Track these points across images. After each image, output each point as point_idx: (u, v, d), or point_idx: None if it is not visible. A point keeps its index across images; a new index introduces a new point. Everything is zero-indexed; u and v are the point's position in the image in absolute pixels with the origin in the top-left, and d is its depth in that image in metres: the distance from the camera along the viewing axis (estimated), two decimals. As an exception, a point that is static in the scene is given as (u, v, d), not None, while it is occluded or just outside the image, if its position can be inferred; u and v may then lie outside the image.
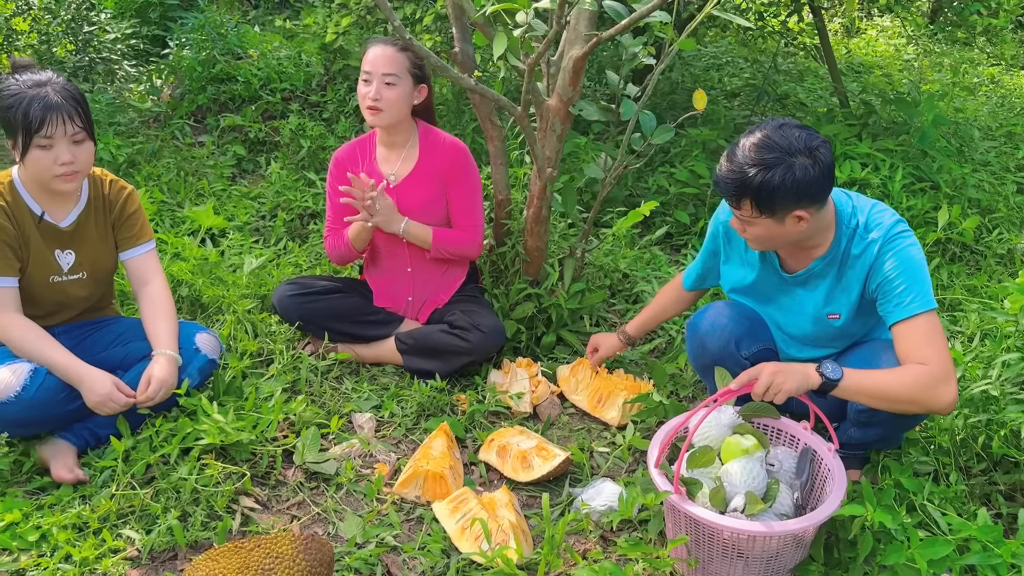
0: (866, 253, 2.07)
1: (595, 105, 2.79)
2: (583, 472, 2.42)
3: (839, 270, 2.13)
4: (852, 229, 2.09)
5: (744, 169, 1.95)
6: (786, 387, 1.97)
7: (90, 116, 2.27)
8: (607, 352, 2.77)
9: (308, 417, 2.51)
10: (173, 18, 6.39)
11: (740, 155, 1.97)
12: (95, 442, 2.36)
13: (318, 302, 2.82)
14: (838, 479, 2.00)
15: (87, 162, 2.27)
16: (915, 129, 4.19)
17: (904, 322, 2.00)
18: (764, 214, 1.99)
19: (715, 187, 2.06)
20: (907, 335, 2.00)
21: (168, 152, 4.28)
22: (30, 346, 2.24)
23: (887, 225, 2.05)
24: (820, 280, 2.17)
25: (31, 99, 2.17)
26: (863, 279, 2.09)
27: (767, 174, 1.93)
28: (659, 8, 2.27)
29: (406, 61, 2.68)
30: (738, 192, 1.98)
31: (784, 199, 1.95)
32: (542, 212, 2.90)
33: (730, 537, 1.92)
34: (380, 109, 2.67)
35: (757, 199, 1.96)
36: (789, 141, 1.95)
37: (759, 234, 2.05)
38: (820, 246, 2.12)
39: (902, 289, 2.00)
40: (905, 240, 2.04)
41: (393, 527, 2.18)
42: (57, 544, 2.03)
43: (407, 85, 2.70)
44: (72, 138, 2.21)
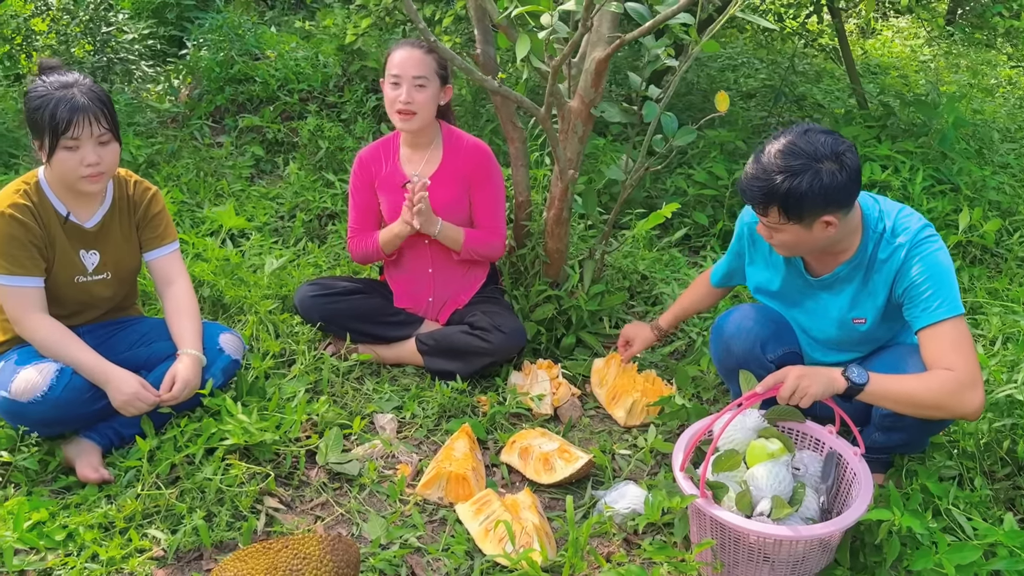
0: (893, 258, 2.06)
1: (617, 107, 2.79)
2: (605, 475, 2.41)
3: (865, 274, 2.12)
4: (879, 233, 2.08)
5: (771, 176, 1.94)
6: (812, 391, 1.96)
7: (116, 117, 2.28)
8: (642, 345, 2.77)
9: (330, 418, 2.52)
10: (190, 18, 6.41)
11: (766, 162, 1.97)
12: (119, 442, 2.38)
13: (339, 303, 2.83)
14: (864, 483, 1.99)
15: (112, 163, 2.28)
16: (935, 131, 4.17)
17: (931, 327, 1.99)
18: (792, 220, 1.98)
19: (741, 194, 2.05)
20: (934, 341, 1.99)
21: (187, 152, 4.30)
22: (56, 346, 2.26)
23: (914, 230, 2.04)
24: (846, 284, 2.17)
25: (58, 101, 2.18)
26: (890, 284, 2.08)
27: (794, 181, 1.92)
28: (683, 10, 2.26)
29: (433, 63, 2.68)
30: (765, 199, 1.97)
31: (812, 205, 1.94)
32: (563, 214, 2.89)
33: (756, 541, 1.91)
34: (413, 112, 2.68)
35: (785, 206, 1.95)
36: (815, 147, 1.94)
37: (787, 240, 2.05)
38: (847, 250, 2.11)
39: (929, 294, 1.99)
40: (932, 245, 2.03)
41: (416, 528, 2.18)
42: (84, 543, 2.04)
43: (435, 87, 2.71)
44: (98, 139, 2.23)
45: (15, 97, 4.83)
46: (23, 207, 2.26)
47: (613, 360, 2.80)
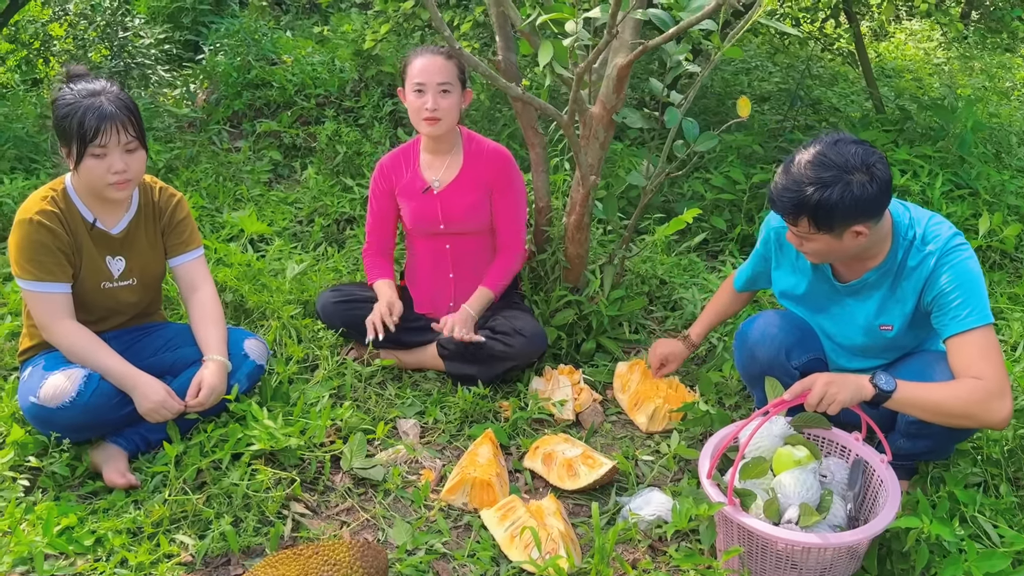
0: (923, 265, 2.05)
1: (638, 113, 2.79)
2: (629, 481, 2.42)
3: (894, 281, 2.12)
4: (909, 241, 2.07)
5: (801, 187, 1.94)
6: (840, 398, 1.96)
7: (142, 125, 2.29)
8: (677, 363, 2.77)
9: (354, 423, 2.52)
10: (205, 23, 6.45)
11: (796, 172, 1.97)
12: (145, 447, 2.39)
13: (361, 309, 2.83)
14: (891, 491, 1.99)
15: (139, 170, 2.30)
16: (953, 135, 4.16)
17: (959, 336, 1.99)
18: (822, 231, 1.98)
19: (770, 204, 2.05)
20: (962, 349, 1.99)
21: (206, 157, 4.32)
22: (84, 352, 2.27)
23: (945, 238, 2.04)
24: (873, 291, 2.16)
25: (86, 109, 2.20)
26: (919, 291, 2.08)
27: (824, 192, 1.92)
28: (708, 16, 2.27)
29: (455, 68, 2.70)
30: (795, 210, 1.97)
31: (842, 216, 1.94)
32: (584, 219, 2.90)
33: (784, 548, 1.91)
34: (439, 119, 2.69)
35: (815, 217, 1.95)
36: (845, 158, 1.94)
37: (817, 249, 2.05)
38: (876, 257, 2.11)
39: (958, 303, 1.99)
40: (962, 253, 2.03)
41: (442, 534, 2.19)
42: (113, 549, 2.05)
43: (459, 92, 2.72)
44: (125, 147, 2.24)
45: (34, 102, 4.86)
46: (51, 214, 2.27)
47: (637, 366, 2.81)
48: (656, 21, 2.56)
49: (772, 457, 2.10)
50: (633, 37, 2.66)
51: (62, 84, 2.29)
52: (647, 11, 2.29)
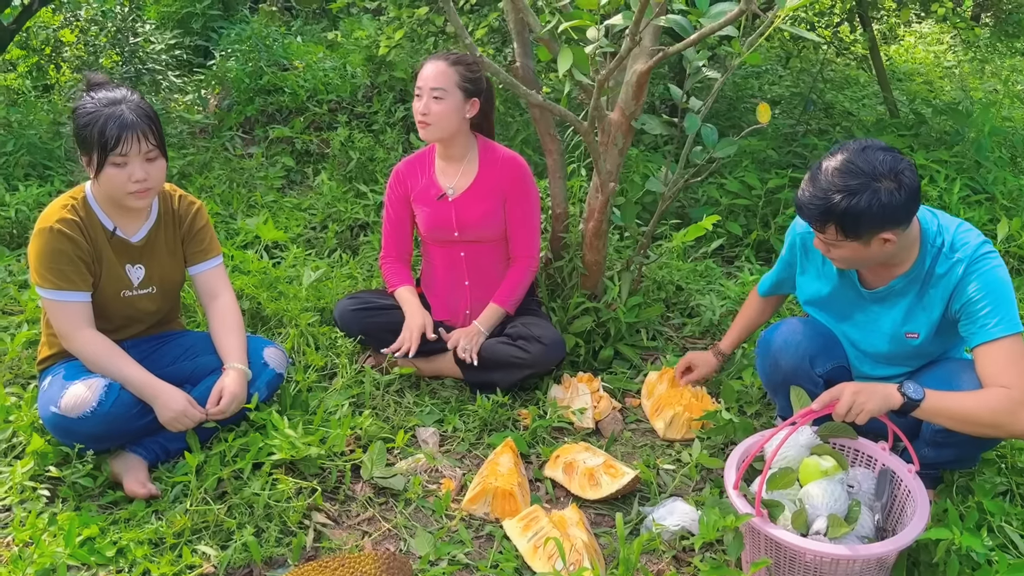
0: (951, 273, 2.04)
1: (657, 119, 2.78)
2: (651, 490, 2.40)
3: (921, 289, 2.10)
4: (937, 248, 2.06)
5: (829, 195, 1.93)
6: (868, 407, 1.94)
7: (162, 133, 2.29)
8: (706, 372, 2.74)
9: (374, 432, 2.51)
10: (215, 28, 6.45)
11: (824, 180, 1.95)
12: (165, 456, 2.38)
13: (379, 316, 2.83)
14: (920, 501, 1.97)
15: (159, 179, 2.29)
16: (968, 139, 4.14)
17: (987, 344, 1.97)
18: (850, 238, 1.97)
19: (797, 211, 2.03)
20: (990, 358, 1.97)
21: (219, 164, 4.32)
22: (104, 361, 2.26)
23: (974, 245, 2.03)
24: (900, 298, 2.15)
25: (107, 118, 2.19)
26: (946, 299, 2.06)
27: (852, 200, 1.91)
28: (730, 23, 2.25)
29: (456, 75, 2.68)
30: (823, 217, 1.96)
31: (870, 224, 1.93)
32: (602, 226, 2.89)
33: (812, 560, 1.89)
34: (429, 123, 2.69)
35: (842, 224, 1.94)
36: (873, 165, 1.93)
37: (845, 256, 2.03)
38: (903, 264, 2.09)
39: (987, 311, 1.97)
40: (991, 261, 2.01)
41: (464, 544, 2.18)
42: (135, 560, 2.04)
43: (455, 99, 2.70)
44: (146, 156, 2.23)
45: (46, 109, 4.86)
46: (71, 222, 2.27)
47: (666, 374, 2.79)
48: (676, 28, 2.54)
49: (798, 467, 2.08)
50: (652, 43, 2.65)
51: (83, 92, 2.28)
52: (669, 17, 2.27)
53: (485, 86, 2.79)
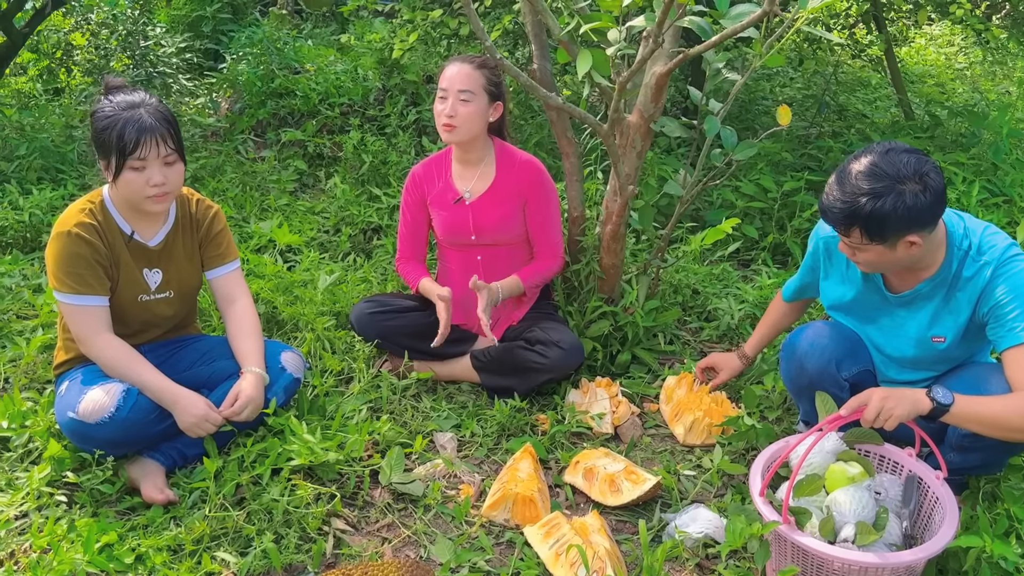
0: (978, 276, 2.01)
1: (676, 121, 2.76)
2: (672, 496, 2.38)
3: (947, 292, 2.08)
4: (964, 251, 2.03)
5: (854, 198, 1.91)
6: (897, 412, 1.92)
7: (180, 137, 2.27)
8: (729, 375, 2.74)
9: (391, 437, 2.49)
10: (225, 32, 6.45)
11: (848, 183, 1.93)
12: (183, 462, 2.37)
13: (396, 319, 2.81)
14: (948, 508, 1.94)
15: (178, 183, 2.28)
16: (985, 141, 4.11)
17: (1016, 348, 1.95)
18: (875, 241, 1.94)
19: (822, 215, 2.01)
20: (1019, 361, 1.95)
21: (231, 167, 4.31)
22: (123, 366, 2.25)
23: (1001, 248, 2.00)
24: (926, 302, 2.12)
25: (125, 121, 2.17)
26: (974, 302, 2.04)
27: (877, 203, 1.89)
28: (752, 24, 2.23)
29: (482, 79, 2.67)
30: (848, 221, 1.94)
31: (895, 227, 1.90)
32: (620, 229, 2.87)
33: (840, 568, 1.87)
34: (455, 126, 2.68)
35: (867, 227, 1.92)
36: (898, 167, 1.90)
37: (870, 259, 2.01)
38: (929, 268, 2.07)
39: (1016, 314, 1.95)
40: (1020, 264, 1.98)
41: (485, 551, 2.15)
42: (154, 567, 2.02)
43: (482, 102, 2.70)
44: (164, 160, 2.22)
45: (58, 113, 4.86)
46: (89, 226, 2.25)
47: (684, 379, 2.77)
48: (696, 29, 2.52)
49: (824, 474, 2.05)
50: (672, 45, 2.63)
51: (100, 96, 2.27)
52: (691, 19, 2.25)
53: (504, 89, 2.78)
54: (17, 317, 3.05)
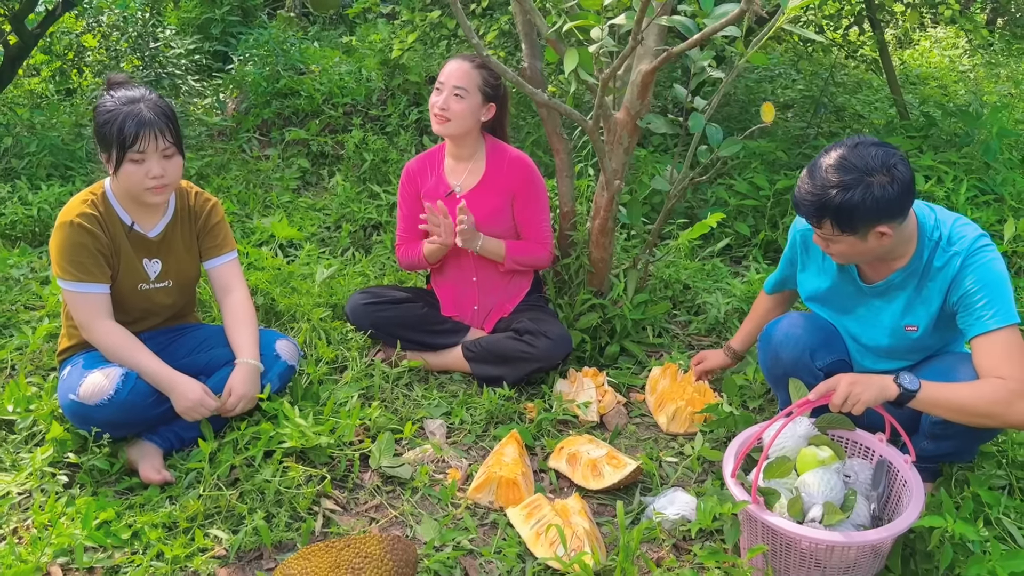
0: (948, 266, 2.07)
1: (662, 118, 2.83)
2: (653, 481, 2.44)
3: (919, 282, 2.14)
4: (935, 242, 2.10)
5: (824, 191, 1.98)
6: (864, 398, 1.98)
7: (179, 131, 2.36)
8: (713, 364, 2.82)
9: (382, 423, 2.57)
10: (233, 34, 6.56)
11: (818, 176, 2.00)
12: (179, 445, 2.45)
13: (389, 310, 2.89)
14: (915, 491, 2.00)
15: (176, 175, 2.36)
16: (978, 141, 4.16)
17: (984, 336, 2.01)
18: (846, 232, 2.01)
19: (795, 208, 2.08)
20: (986, 349, 2.00)
21: (236, 165, 4.41)
22: (123, 351, 2.33)
23: (971, 239, 2.06)
24: (899, 292, 2.18)
25: (125, 115, 2.26)
26: (944, 292, 2.10)
27: (845, 195, 1.95)
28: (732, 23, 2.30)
29: (479, 78, 2.75)
30: (818, 213, 2.01)
31: (864, 218, 1.97)
32: (608, 224, 2.94)
33: (808, 547, 1.93)
34: (447, 119, 2.76)
35: (837, 219, 1.99)
36: (866, 160, 1.97)
37: (843, 251, 2.08)
38: (901, 258, 2.13)
39: (983, 303, 2.01)
40: (988, 254, 2.04)
41: (469, 531, 2.23)
42: (149, 542, 2.11)
43: (475, 101, 2.78)
44: (163, 153, 2.30)
45: (68, 112, 4.97)
46: (90, 216, 2.34)
47: (668, 370, 2.84)
48: (680, 28, 2.59)
49: (796, 457, 2.12)
50: (658, 44, 2.70)
51: (103, 91, 2.36)
52: (671, 18, 2.32)
53: (503, 92, 2.86)
54: (24, 308, 3.15)
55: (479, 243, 2.82)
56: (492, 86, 2.81)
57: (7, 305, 3.11)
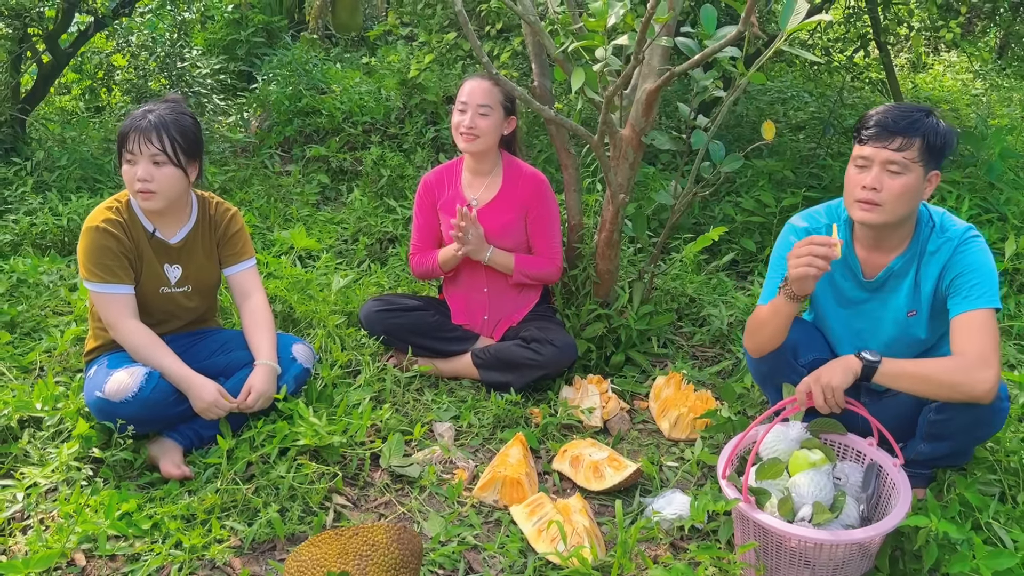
0: (942, 250, 2.18)
1: (666, 135, 2.93)
2: (653, 484, 2.52)
3: (918, 267, 2.23)
4: (930, 228, 2.21)
5: (920, 114, 2.09)
6: (835, 382, 2.06)
7: (180, 146, 2.44)
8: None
9: (393, 424, 2.67)
10: (258, 55, 6.76)
11: (903, 107, 2.11)
12: (199, 442, 2.56)
13: (401, 317, 3.00)
14: (903, 492, 2.07)
15: (166, 186, 2.44)
16: (982, 161, 4.23)
17: (965, 314, 2.11)
18: (921, 161, 2.09)
19: (878, 130, 2.11)
20: (964, 325, 2.11)
21: (258, 180, 4.55)
22: (146, 351, 2.45)
23: (962, 228, 2.19)
24: (900, 280, 2.27)
25: (131, 118, 2.43)
26: (937, 276, 2.20)
27: (938, 121, 2.09)
28: (731, 44, 2.41)
29: (499, 94, 2.88)
30: (913, 130, 2.08)
31: (944, 148, 2.09)
32: (614, 236, 3.04)
33: (798, 545, 2.00)
34: (475, 136, 2.88)
35: (930, 140, 2.08)
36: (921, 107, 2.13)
37: (903, 187, 2.11)
38: (900, 245, 2.22)
39: (972, 285, 2.12)
40: (979, 242, 2.17)
41: (473, 527, 2.32)
42: (168, 532, 2.21)
43: (498, 116, 2.90)
44: (152, 159, 2.42)
45: (98, 128, 5.15)
46: (115, 222, 2.48)
47: (672, 379, 2.92)
48: (683, 48, 2.70)
49: (788, 459, 2.19)
50: (661, 64, 2.81)
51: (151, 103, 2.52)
52: (673, 39, 2.43)
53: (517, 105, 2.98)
54: (53, 313, 3.28)
55: (487, 255, 2.93)
56: (511, 100, 2.94)
57: (37, 310, 3.25)
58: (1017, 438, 2.46)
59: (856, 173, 2.18)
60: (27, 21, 4.33)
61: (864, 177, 2.14)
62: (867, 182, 2.14)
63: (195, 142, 2.49)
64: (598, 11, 2.27)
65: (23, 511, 2.29)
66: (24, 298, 3.32)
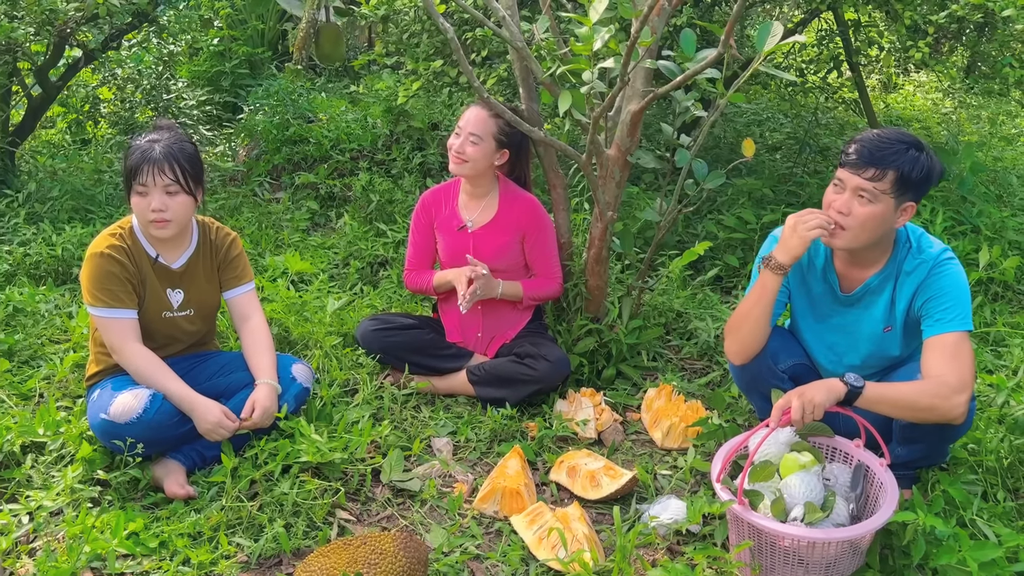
0: (917, 271, 2.27)
1: (650, 154, 3.03)
2: (648, 491, 2.59)
3: (894, 284, 2.32)
4: (907, 248, 2.29)
5: (900, 144, 2.14)
6: (817, 401, 2.13)
7: (189, 173, 2.52)
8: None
9: (392, 440, 2.73)
10: (242, 86, 6.84)
11: (887, 135, 2.16)
12: (202, 463, 2.60)
13: (397, 336, 3.06)
14: (890, 491, 2.15)
15: (180, 213, 2.52)
16: (955, 176, 4.37)
17: (938, 336, 2.19)
18: (893, 192, 2.15)
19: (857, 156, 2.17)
20: (937, 347, 2.19)
21: (248, 208, 4.61)
22: (149, 373, 2.50)
23: (938, 250, 2.27)
24: (876, 296, 2.35)
25: (138, 151, 2.48)
26: (911, 296, 2.28)
27: (919, 153, 2.15)
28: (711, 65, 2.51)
29: (494, 127, 2.97)
30: (889, 160, 2.14)
31: (924, 182, 2.16)
32: (602, 253, 3.12)
33: (791, 544, 2.08)
34: (464, 160, 2.97)
35: (904, 173, 2.13)
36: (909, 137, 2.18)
37: (869, 215, 2.17)
38: (878, 263, 2.31)
39: (945, 308, 2.20)
40: (954, 265, 2.25)
41: (475, 538, 2.37)
42: (176, 550, 2.25)
43: (488, 146, 2.98)
44: (165, 189, 2.48)
45: (88, 159, 5.20)
46: (118, 248, 2.53)
47: (663, 390, 3.00)
48: (664, 71, 2.81)
49: (779, 462, 2.27)
50: (644, 86, 2.91)
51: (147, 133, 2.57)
52: (656, 62, 2.54)
53: (519, 140, 3.06)
54: (50, 341, 3.32)
55: (499, 291, 3.03)
56: (506, 134, 3.01)
57: (34, 338, 3.28)
58: (996, 438, 2.55)
59: (832, 192, 2.27)
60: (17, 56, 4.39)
61: (836, 199, 2.24)
62: (837, 205, 2.23)
63: (200, 167, 2.58)
64: (585, 36, 2.37)
65: (29, 534, 2.32)
66: (21, 327, 3.35)
